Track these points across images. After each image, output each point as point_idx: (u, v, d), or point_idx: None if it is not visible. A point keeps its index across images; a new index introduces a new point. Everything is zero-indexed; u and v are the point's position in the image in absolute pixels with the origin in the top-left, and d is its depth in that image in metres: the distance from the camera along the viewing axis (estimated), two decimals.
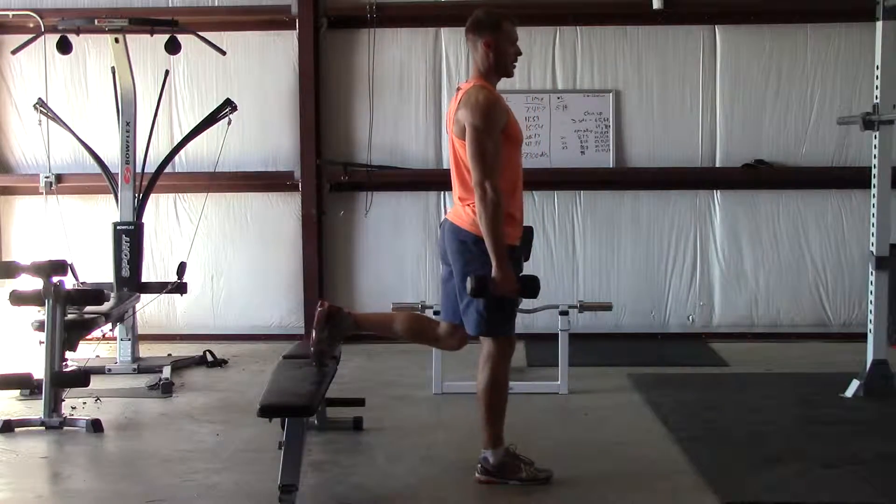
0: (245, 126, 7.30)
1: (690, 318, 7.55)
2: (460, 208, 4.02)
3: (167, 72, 6.90)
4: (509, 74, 4.06)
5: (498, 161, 3.84)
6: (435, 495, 4.01)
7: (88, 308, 5.42)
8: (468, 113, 3.86)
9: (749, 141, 7.45)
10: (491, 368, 4.02)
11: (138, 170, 6.59)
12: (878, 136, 5.51)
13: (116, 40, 6.43)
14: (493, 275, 3.85)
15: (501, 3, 7.38)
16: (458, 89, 4.03)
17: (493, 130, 3.85)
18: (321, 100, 7.48)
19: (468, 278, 3.88)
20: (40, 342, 5.15)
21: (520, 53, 4.06)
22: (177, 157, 7.04)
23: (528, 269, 6.99)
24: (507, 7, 7.29)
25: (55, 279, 5.04)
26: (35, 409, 5.13)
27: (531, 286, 4.00)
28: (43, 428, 4.92)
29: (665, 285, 7.54)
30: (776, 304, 7.50)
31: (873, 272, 5.56)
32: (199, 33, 6.73)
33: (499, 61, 3.97)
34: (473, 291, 3.86)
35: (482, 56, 3.96)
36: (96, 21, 6.44)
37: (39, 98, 6.95)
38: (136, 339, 6.57)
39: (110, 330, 6.29)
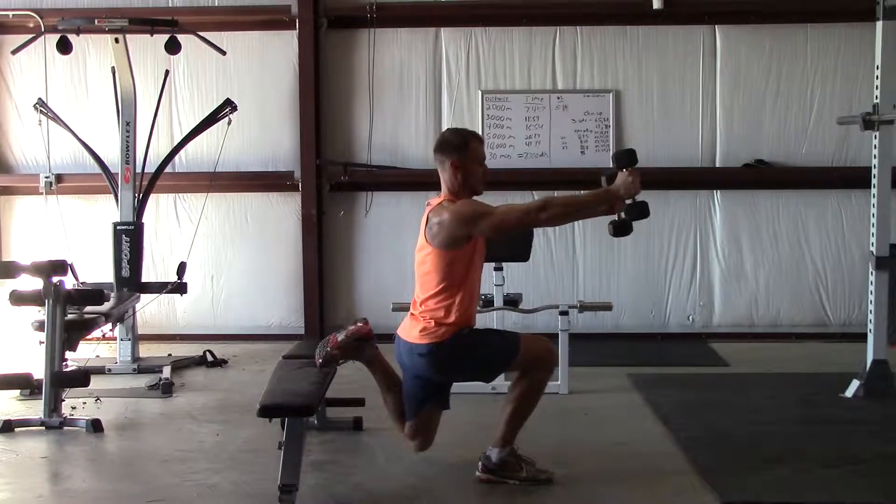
0: (245, 126, 7.31)
1: (690, 318, 7.55)
2: (410, 323, 4.06)
3: (167, 72, 6.90)
4: (478, 193, 4.07)
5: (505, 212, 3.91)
6: (435, 495, 4.01)
7: (88, 308, 5.41)
8: (450, 214, 3.90)
9: (749, 141, 7.45)
10: (531, 380, 4.04)
11: (138, 170, 6.59)
12: (878, 136, 5.51)
13: (116, 40, 6.43)
14: (618, 192, 3.88)
15: (501, 2, 7.49)
16: (428, 204, 4.06)
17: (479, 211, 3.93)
18: (321, 100, 7.48)
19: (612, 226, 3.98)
20: (40, 342, 5.15)
21: (487, 173, 4.09)
22: (177, 157, 7.04)
23: (528, 268, 7.13)
24: (508, 7, 7.43)
25: (55, 279, 5.04)
26: (35, 409, 5.13)
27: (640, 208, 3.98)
28: (43, 428, 4.92)
29: (665, 285, 7.54)
30: (776, 304, 7.51)
31: (873, 272, 5.56)
32: (199, 33, 6.73)
33: (466, 181, 4.00)
34: (630, 220, 3.96)
35: (450, 176, 4.00)
36: (96, 21, 6.44)
37: (39, 98, 6.95)
38: (136, 339, 6.57)
39: (110, 330, 6.28)
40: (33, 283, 5.13)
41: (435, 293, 3.98)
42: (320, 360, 4.29)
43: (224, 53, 6.99)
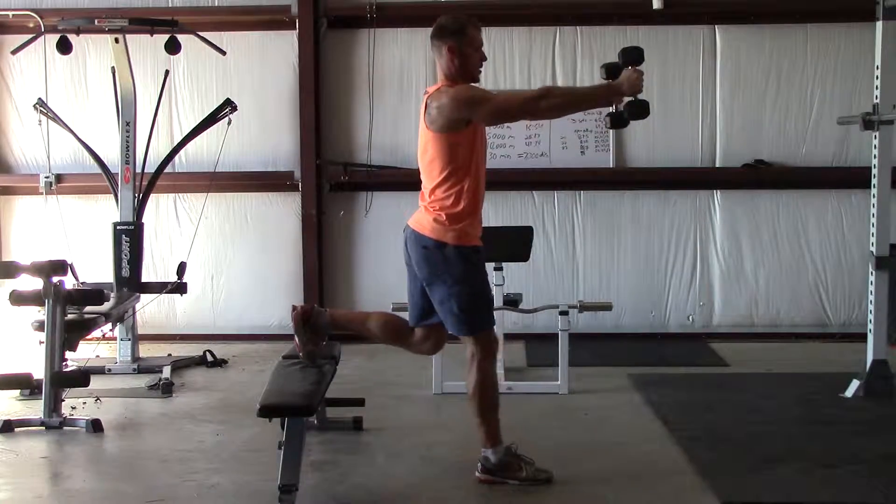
0: (245, 126, 7.31)
1: (690, 318, 7.55)
2: (422, 213, 4.04)
3: (167, 72, 6.90)
4: (475, 79, 4.05)
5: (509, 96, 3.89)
6: (435, 495, 4.02)
7: (88, 308, 5.42)
8: (449, 98, 3.87)
9: (749, 141, 7.45)
10: (477, 367, 4.03)
11: (138, 170, 6.59)
12: (878, 136, 5.51)
13: (116, 40, 6.43)
14: (620, 87, 3.92)
15: (501, 2, 7.48)
16: (426, 92, 4.04)
17: (479, 96, 3.91)
18: (321, 100, 7.48)
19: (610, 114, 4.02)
20: (40, 342, 5.16)
21: (485, 58, 4.07)
22: (177, 157, 7.03)
23: (528, 268, 7.13)
24: (508, 7, 7.43)
25: (55, 279, 5.04)
26: (35, 409, 5.13)
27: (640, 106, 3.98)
28: (43, 428, 4.92)
29: (665, 285, 7.54)
30: (776, 304, 7.50)
31: (873, 272, 5.56)
32: (199, 33, 6.73)
33: (463, 66, 3.97)
34: (619, 121, 3.97)
35: (447, 61, 3.98)
36: (96, 21, 6.44)
37: (39, 98, 6.94)
38: (136, 339, 6.57)
39: (110, 330, 6.29)
40: (33, 283, 5.13)
41: (441, 180, 3.94)
42: (308, 365, 4.30)
43: (224, 53, 6.99)
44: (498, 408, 4.09)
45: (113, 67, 6.60)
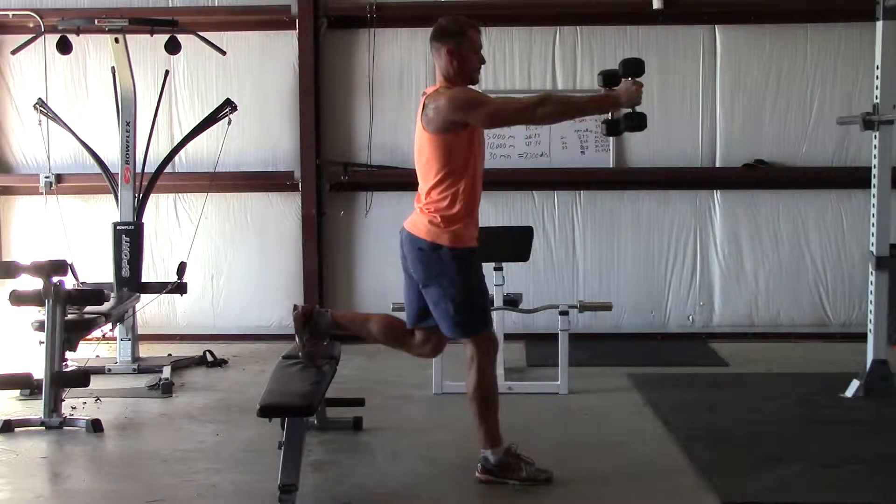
0: (245, 126, 7.31)
1: (690, 318, 7.55)
2: (417, 216, 4.03)
3: (167, 72, 6.91)
4: (474, 81, 4.03)
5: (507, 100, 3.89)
6: (435, 495, 4.01)
7: (88, 308, 5.42)
8: (447, 99, 3.86)
9: (749, 141, 7.45)
10: (476, 368, 4.03)
11: (138, 170, 6.59)
12: (878, 136, 5.51)
13: (116, 40, 6.43)
14: (619, 99, 3.99)
15: (501, 2, 7.48)
16: (424, 93, 4.03)
17: (476, 99, 3.89)
18: (321, 100, 7.48)
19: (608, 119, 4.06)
20: (40, 342, 5.16)
21: (483, 62, 4.06)
22: (177, 157, 7.04)
23: (528, 268, 7.13)
24: (508, 7, 7.43)
25: (55, 279, 5.04)
26: (35, 409, 5.13)
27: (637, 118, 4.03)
28: (43, 428, 4.92)
29: (665, 285, 7.54)
30: (776, 304, 7.51)
31: (873, 272, 5.56)
32: (199, 33, 6.73)
33: (462, 68, 3.96)
34: (614, 130, 4.03)
35: (446, 63, 3.97)
36: (96, 21, 6.44)
37: (39, 98, 6.95)
38: (136, 339, 6.57)
39: (110, 330, 6.29)
40: (33, 283, 5.13)
41: (437, 182, 3.92)
42: (307, 365, 4.30)
43: (224, 53, 6.99)
44: (497, 409, 4.08)
45: (113, 67, 6.60)
